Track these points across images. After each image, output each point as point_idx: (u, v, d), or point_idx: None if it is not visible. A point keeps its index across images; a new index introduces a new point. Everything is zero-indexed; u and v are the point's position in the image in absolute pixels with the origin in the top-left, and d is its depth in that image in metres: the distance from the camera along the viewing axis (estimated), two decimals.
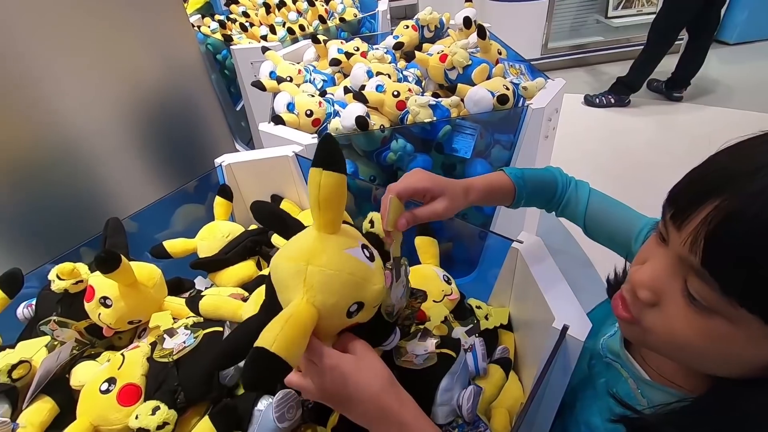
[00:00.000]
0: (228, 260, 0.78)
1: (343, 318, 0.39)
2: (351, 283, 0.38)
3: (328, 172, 0.36)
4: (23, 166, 0.85)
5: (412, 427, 0.38)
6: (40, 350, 0.56)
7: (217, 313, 0.55)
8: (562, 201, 0.58)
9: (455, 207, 0.48)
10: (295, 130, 0.96)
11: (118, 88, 0.99)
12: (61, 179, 0.92)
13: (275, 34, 1.66)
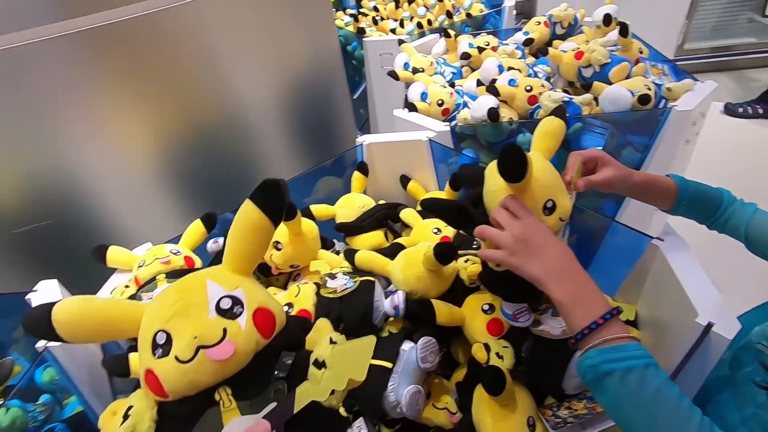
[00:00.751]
0: (363, 228, 0.88)
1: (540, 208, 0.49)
2: (556, 179, 0.50)
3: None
4: (208, 131, 1.04)
5: (590, 287, 0.42)
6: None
7: (369, 266, 0.64)
8: (726, 216, 0.56)
9: (621, 178, 0.53)
10: (427, 117, 1.03)
11: (274, 72, 1.15)
12: (231, 144, 1.10)
13: (404, 27, 1.75)
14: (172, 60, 0.95)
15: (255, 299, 0.40)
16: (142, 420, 0.37)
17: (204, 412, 0.36)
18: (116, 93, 0.91)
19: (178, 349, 0.36)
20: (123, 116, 0.93)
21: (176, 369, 0.35)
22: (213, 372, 0.36)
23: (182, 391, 0.36)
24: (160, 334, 0.37)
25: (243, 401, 0.36)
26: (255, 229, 0.40)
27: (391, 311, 0.59)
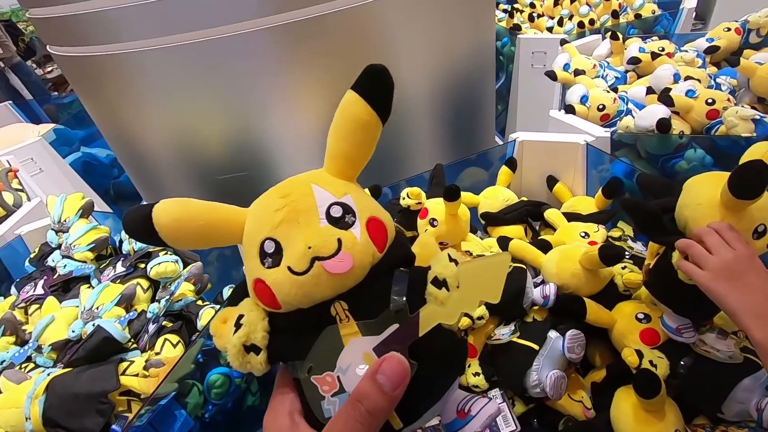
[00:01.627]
0: (506, 220, 0.92)
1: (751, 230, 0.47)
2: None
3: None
4: None
5: None
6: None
7: (521, 254, 0.69)
8: None
9: None
10: (585, 121, 1.02)
11: (433, 65, 1.22)
12: (385, 130, 1.21)
13: (561, 26, 1.70)
14: (351, 49, 1.07)
15: (366, 208, 0.35)
16: (255, 329, 0.35)
17: (319, 326, 0.33)
18: (304, 74, 1.06)
19: (290, 259, 0.32)
20: (305, 94, 1.09)
21: (290, 280, 0.32)
22: (330, 286, 0.33)
23: (296, 303, 0.33)
24: (268, 242, 0.34)
25: (360, 320, 0.33)
26: (361, 125, 0.35)
27: (540, 300, 0.63)
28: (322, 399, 0.32)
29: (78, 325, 0.74)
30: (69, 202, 0.97)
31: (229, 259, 1.05)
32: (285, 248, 0.33)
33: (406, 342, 0.32)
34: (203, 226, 0.35)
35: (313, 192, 0.35)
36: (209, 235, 0.36)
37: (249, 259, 0.35)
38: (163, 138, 1.16)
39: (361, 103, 0.34)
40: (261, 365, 0.35)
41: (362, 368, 0.32)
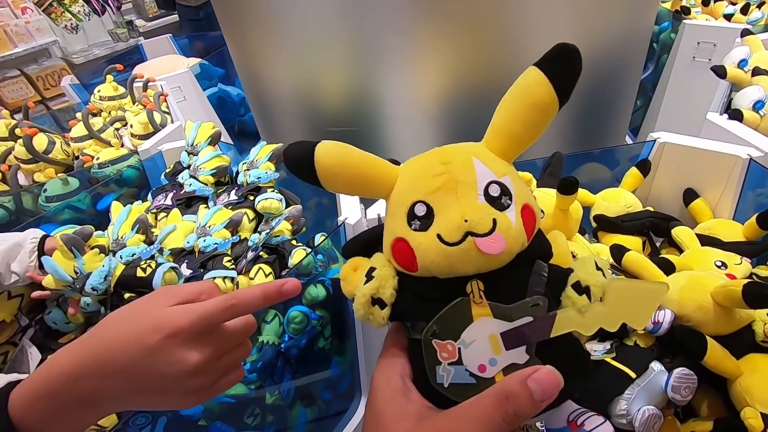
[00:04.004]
0: (622, 228, 0.81)
1: None
2: None
3: None
4: (491, 88, 1.09)
5: None
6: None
7: (637, 269, 0.60)
8: None
9: None
10: (754, 132, 0.84)
11: (576, 42, 1.09)
12: None
13: (745, 14, 1.41)
14: (483, 19, 1.00)
15: (522, 194, 0.34)
16: (385, 285, 0.36)
17: (449, 297, 0.33)
18: (430, 39, 1.02)
19: (443, 227, 0.32)
20: (427, 60, 1.06)
21: (437, 248, 0.32)
22: (475, 263, 0.32)
23: (436, 272, 0.33)
24: (420, 205, 0.34)
25: (494, 303, 0.33)
26: (538, 106, 0.34)
27: (649, 325, 0.55)
28: (438, 364, 0.33)
29: (192, 238, 0.83)
30: (202, 129, 1.08)
31: (325, 208, 1.09)
32: (437, 214, 0.33)
33: (535, 338, 0.32)
34: (359, 175, 0.36)
35: (474, 165, 0.34)
36: (362, 184, 0.37)
37: (395, 217, 0.35)
38: (289, 85, 1.22)
39: (546, 84, 0.33)
40: (382, 320, 0.36)
41: (485, 349, 0.32)
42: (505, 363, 0.32)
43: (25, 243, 0.77)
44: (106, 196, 1.20)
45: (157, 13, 3.99)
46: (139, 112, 1.33)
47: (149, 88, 1.63)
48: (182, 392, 0.38)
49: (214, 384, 0.40)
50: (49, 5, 3.43)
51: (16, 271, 0.74)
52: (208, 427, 0.70)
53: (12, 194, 1.19)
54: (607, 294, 0.31)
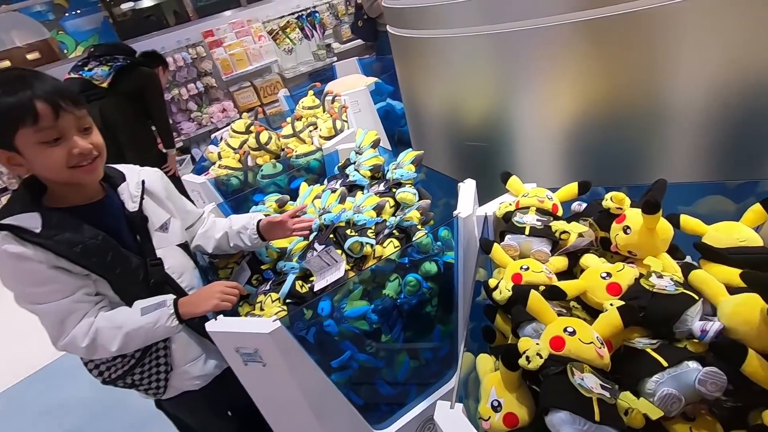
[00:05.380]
0: (728, 260, 0.83)
1: None
2: None
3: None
4: (627, 111, 1.15)
5: None
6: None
7: (700, 285, 0.67)
8: None
9: None
10: None
11: (724, 70, 1.06)
12: (636, 131, 1.17)
13: None
14: (628, 53, 1.07)
15: None
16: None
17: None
18: (572, 72, 1.15)
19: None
20: (565, 91, 1.18)
21: None
22: None
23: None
24: None
25: None
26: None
27: (698, 333, 0.63)
28: None
29: (349, 213, 1.16)
30: (368, 135, 1.43)
31: (452, 208, 1.31)
32: None
33: None
34: None
35: None
36: None
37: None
38: (437, 106, 1.49)
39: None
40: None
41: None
42: None
43: (250, 224, 1.14)
44: (297, 178, 1.65)
45: (349, 37, 4.78)
46: (327, 120, 1.77)
47: (335, 101, 2.10)
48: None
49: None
50: (276, 33, 4.47)
51: (246, 243, 1.13)
52: (340, 342, 1.00)
53: (243, 171, 1.74)
54: None
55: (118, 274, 0.91)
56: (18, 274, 0.82)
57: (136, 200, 0.98)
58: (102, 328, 0.87)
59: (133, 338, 0.90)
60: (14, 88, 0.77)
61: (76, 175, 0.85)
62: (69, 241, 0.84)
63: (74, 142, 0.83)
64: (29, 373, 2.40)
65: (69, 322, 0.86)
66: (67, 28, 7.42)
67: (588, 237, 0.86)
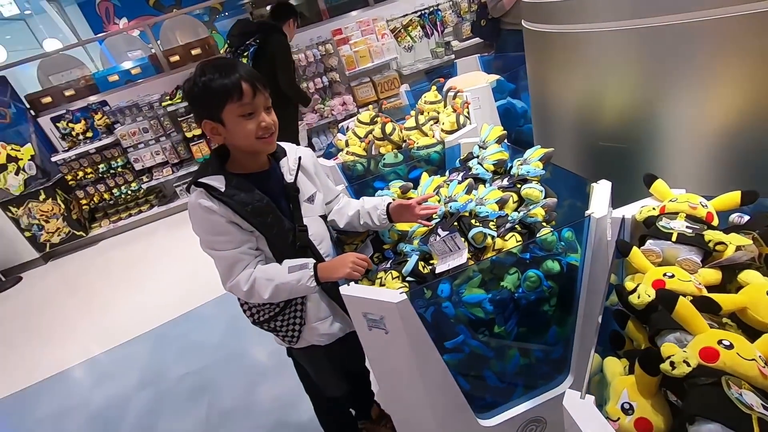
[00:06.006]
0: None
1: None
2: None
3: None
4: None
5: None
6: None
7: None
8: None
9: None
10: None
11: None
12: None
13: None
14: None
15: None
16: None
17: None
18: (721, 71, 1.03)
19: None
20: (714, 92, 1.06)
21: None
22: None
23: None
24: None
25: None
26: None
27: None
28: None
29: (472, 204, 1.18)
30: (493, 131, 1.43)
31: (577, 209, 1.26)
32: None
33: None
34: None
35: None
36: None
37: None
38: (571, 103, 1.43)
39: None
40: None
41: None
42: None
43: (381, 206, 1.23)
44: (416, 169, 1.72)
45: (469, 35, 4.76)
46: (450, 114, 1.82)
47: (457, 97, 2.13)
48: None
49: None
50: (398, 31, 4.63)
51: (375, 222, 1.22)
52: (455, 325, 1.04)
53: (368, 158, 1.87)
54: None
55: (274, 233, 1.07)
56: (205, 224, 1.02)
57: (292, 173, 1.14)
58: (258, 278, 1.04)
59: (281, 291, 1.05)
60: (227, 71, 0.97)
61: (259, 145, 1.03)
62: (243, 201, 1.02)
63: (263, 117, 1.01)
64: (175, 316, 2.87)
65: (236, 268, 1.04)
66: (218, 28, 8.61)
67: (749, 252, 0.78)
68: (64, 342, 3.05)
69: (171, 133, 4.46)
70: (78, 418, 2.30)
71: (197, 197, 1.02)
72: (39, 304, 3.73)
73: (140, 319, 2.96)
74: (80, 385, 2.58)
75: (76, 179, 4.41)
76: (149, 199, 4.73)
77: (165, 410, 2.17)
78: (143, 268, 3.78)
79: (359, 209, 1.25)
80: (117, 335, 2.87)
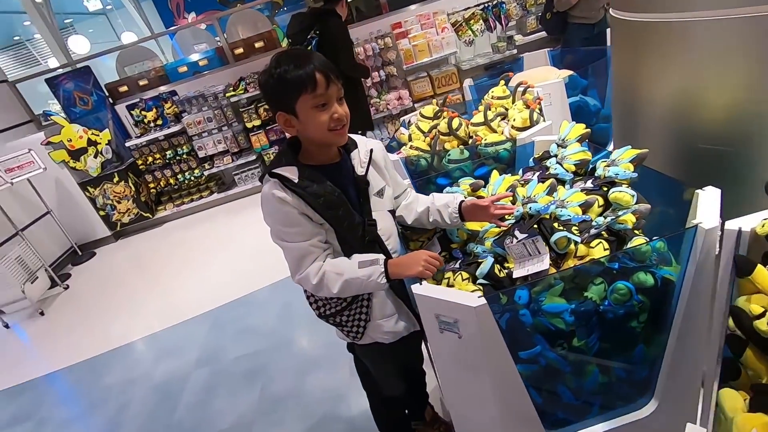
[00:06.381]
0: None
1: None
2: None
3: None
4: None
5: None
6: None
7: None
8: None
9: None
10: None
11: None
12: None
13: None
14: None
15: None
16: None
17: None
18: None
19: None
20: None
21: None
22: None
23: None
24: None
25: None
26: None
27: None
28: None
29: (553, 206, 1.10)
30: (575, 129, 1.33)
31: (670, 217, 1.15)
32: None
33: None
34: None
35: None
36: None
37: None
38: (665, 100, 1.30)
39: None
40: None
41: None
42: None
43: (453, 203, 1.17)
44: (483, 166, 1.65)
45: (534, 29, 4.55)
46: (523, 110, 1.72)
47: (527, 92, 2.02)
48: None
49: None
50: (459, 25, 4.52)
51: (445, 220, 1.18)
52: (532, 334, 0.98)
53: (431, 154, 1.82)
54: None
55: (345, 227, 1.05)
56: (277, 214, 1.01)
57: (364, 165, 1.11)
58: (328, 272, 1.02)
59: (350, 285, 1.03)
60: (302, 63, 0.95)
61: (331, 137, 1.01)
62: (316, 193, 1.00)
63: (335, 108, 0.99)
64: (231, 300, 2.98)
65: (305, 261, 1.03)
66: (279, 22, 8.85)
67: None
68: (129, 316, 3.26)
69: (233, 123, 4.62)
70: (141, 388, 2.44)
71: (271, 188, 1.01)
72: (109, 278, 4.02)
73: (198, 301, 3.09)
74: (143, 358, 2.75)
75: (146, 164, 4.69)
76: (209, 185, 4.95)
77: (220, 389, 2.25)
78: (203, 251, 3.96)
79: (429, 206, 1.21)
80: (177, 314, 3.02)
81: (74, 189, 4.48)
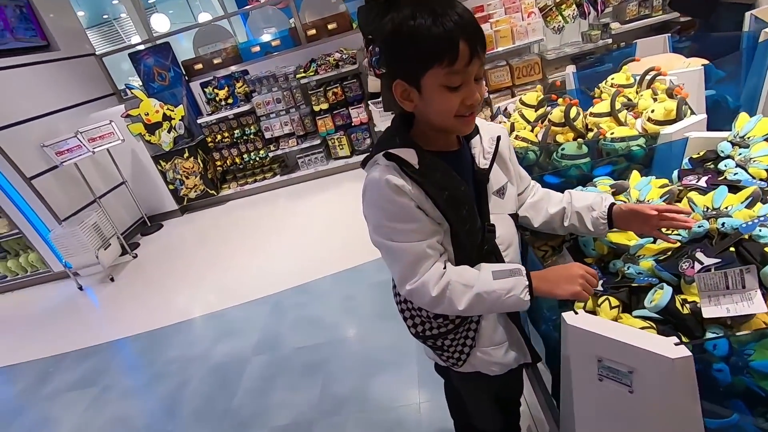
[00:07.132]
0: None
1: None
2: None
3: None
4: None
5: None
6: None
7: None
8: None
9: None
10: None
11: None
12: None
13: None
14: None
15: None
16: None
17: None
18: None
19: None
20: None
21: None
22: None
23: None
24: None
25: None
26: None
27: None
28: None
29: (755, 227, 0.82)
30: (760, 124, 1.04)
31: None
32: None
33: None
34: None
35: None
36: None
37: None
38: None
39: None
40: None
41: None
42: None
43: (600, 206, 0.92)
44: (604, 166, 1.37)
45: (635, 15, 4.06)
46: (665, 100, 1.42)
47: (657, 81, 1.69)
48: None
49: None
50: (549, 10, 4.12)
51: (587, 226, 0.92)
52: (728, 397, 0.72)
53: (541, 146, 1.56)
54: None
55: (467, 230, 0.84)
56: (390, 207, 0.80)
57: (488, 157, 0.89)
58: (454, 282, 0.81)
59: (483, 301, 0.81)
60: (444, 20, 0.70)
61: (456, 124, 0.79)
62: (439, 184, 0.80)
63: (471, 90, 0.76)
64: (291, 286, 2.88)
65: (422, 266, 0.82)
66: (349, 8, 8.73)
67: None
68: (191, 291, 3.28)
69: (300, 105, 4.55)
70: (201, 367, 2.40)
71: (385, 172, 0.79)
72: (174, 251, 4.10)
73: (258, 283, 3.03)
74: (203, 335, 2.72)
75: (215, 142, 4.74)
76: (273, 167, 4.93)
77: (279, 381, 2.15)
78: (264, 233, 3.93)
79: (565, 206, 0.97)
80: (236, 294, 2.98)
81: (148, 162, 4.62)
